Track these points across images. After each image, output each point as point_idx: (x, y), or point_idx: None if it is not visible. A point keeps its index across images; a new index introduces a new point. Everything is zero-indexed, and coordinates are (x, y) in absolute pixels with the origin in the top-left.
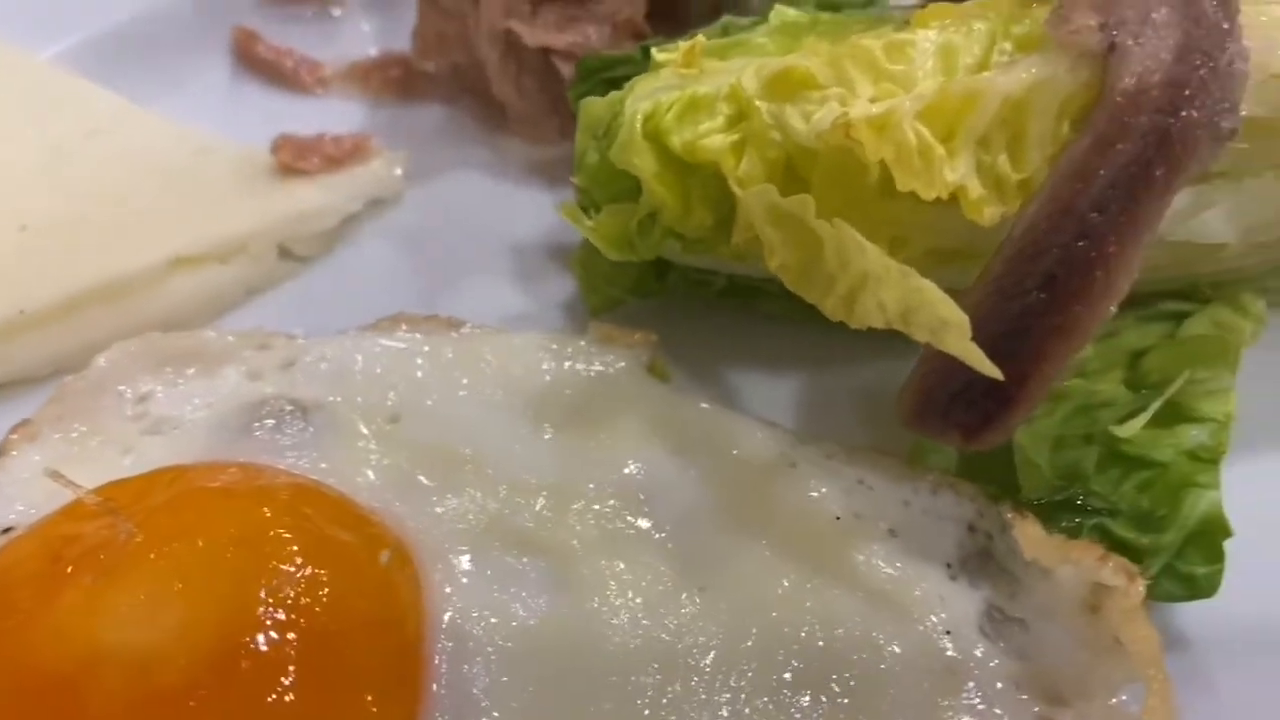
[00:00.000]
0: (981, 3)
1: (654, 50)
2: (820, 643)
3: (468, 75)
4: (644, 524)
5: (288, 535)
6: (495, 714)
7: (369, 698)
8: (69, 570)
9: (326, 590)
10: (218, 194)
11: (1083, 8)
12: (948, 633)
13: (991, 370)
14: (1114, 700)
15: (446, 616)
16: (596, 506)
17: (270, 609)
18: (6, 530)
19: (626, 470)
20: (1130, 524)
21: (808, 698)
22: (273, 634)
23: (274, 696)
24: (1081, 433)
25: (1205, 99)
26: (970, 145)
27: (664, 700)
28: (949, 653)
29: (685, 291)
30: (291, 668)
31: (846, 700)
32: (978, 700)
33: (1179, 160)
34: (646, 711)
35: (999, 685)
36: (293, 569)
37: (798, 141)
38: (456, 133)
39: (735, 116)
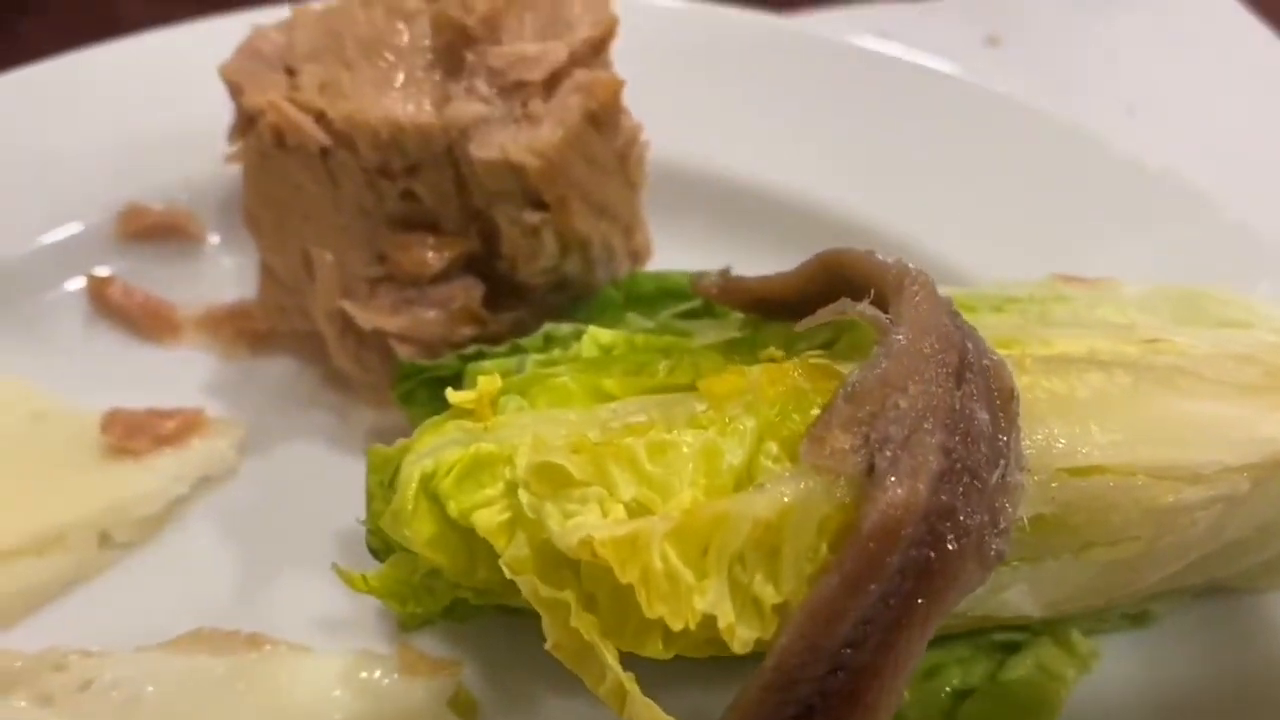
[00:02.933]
0: (771, 374)
1: (449, 391)
2: None
3: (311, 341)
4: None
5: None
6: None
7: None
8: None
9: None
10: (40, 473)
11: (841, 426)
12: None
13: None
14: None
15: None
16: None
17: None
18: None
19: None
20: None
21: None
22: None
23: None
24: None
25: (971, 525)
26: (723, 566)
27: None
28: None
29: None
30: None
31: None
32: None
33: (941, 592)
34: None
35: None
36: None
37: (555, 543)
38: (303, 393)
39: (512, 485)
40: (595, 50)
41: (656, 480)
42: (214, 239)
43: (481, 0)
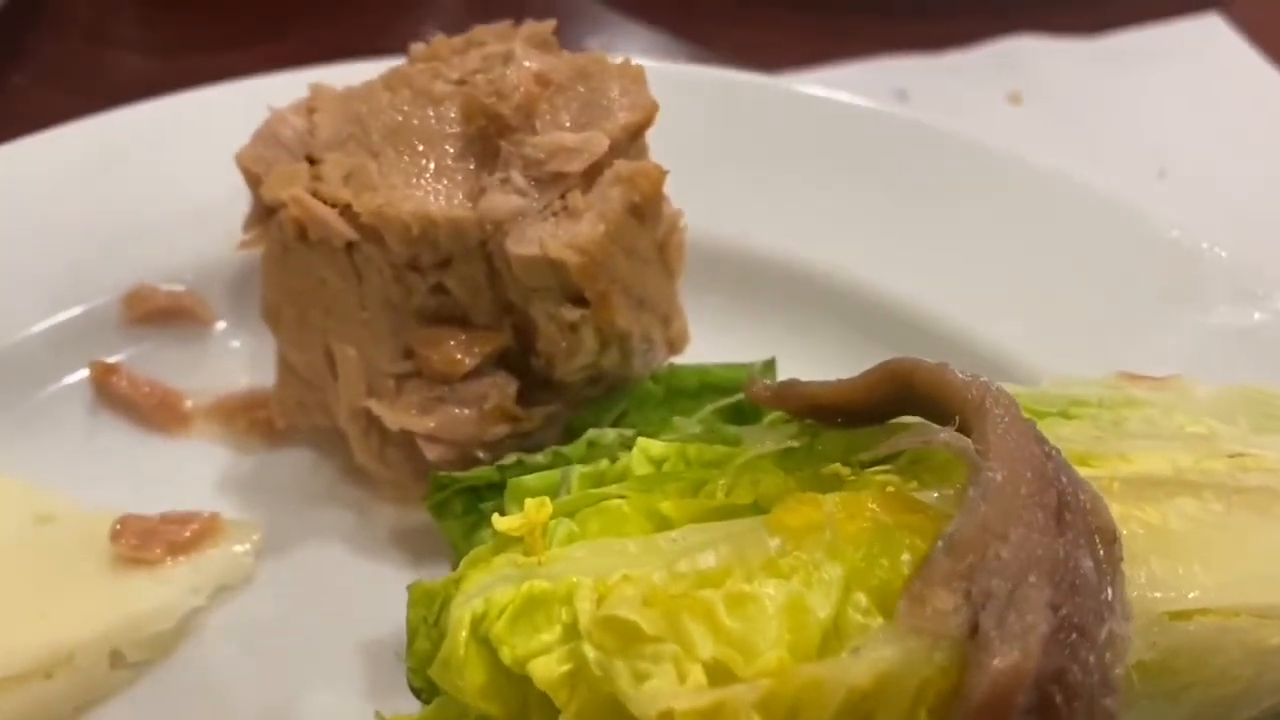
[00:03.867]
0: (848, 507)
1: (495, 518)
2: None
3: (328, 433)
4: None
5: None
6: None
7: None
8: None
9: None
10: (46, 585)
11: (942, 583)
12: None
13: None
14: None
15: None
16: None
17: None
18: None
19: None
20: None
21: None
22: None
23: None
24: None
25: (1080, 686)
26: None
27: None
28: None
29: None
30: None
31: None
32: None
33: None
34: None
35: None
36: None
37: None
38: (321, 488)
39: (571, 628)
40: (633, 137)
41: (737, 638)
42: (220, 324)
43: (516, 88)
